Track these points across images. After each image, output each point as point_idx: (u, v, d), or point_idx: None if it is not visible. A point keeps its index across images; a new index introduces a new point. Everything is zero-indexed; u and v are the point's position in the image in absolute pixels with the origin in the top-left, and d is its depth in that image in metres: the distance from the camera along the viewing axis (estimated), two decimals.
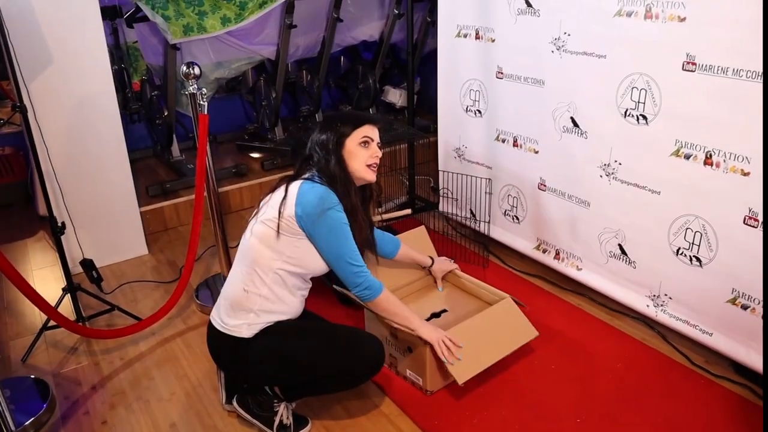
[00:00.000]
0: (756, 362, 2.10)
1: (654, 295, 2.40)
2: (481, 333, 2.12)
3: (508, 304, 2.24)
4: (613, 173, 2.41)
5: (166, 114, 3.83)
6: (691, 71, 2.05)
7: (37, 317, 2.65)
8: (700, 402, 2.07)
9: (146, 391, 2.23)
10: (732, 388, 2.13)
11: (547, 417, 2.01)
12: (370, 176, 1.96)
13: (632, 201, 2.36)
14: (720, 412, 2.03)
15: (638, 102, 2.24)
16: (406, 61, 3.39)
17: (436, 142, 3.33)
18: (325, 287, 2.58)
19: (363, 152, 1.93)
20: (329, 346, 1.91)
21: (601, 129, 2.41)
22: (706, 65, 2.01)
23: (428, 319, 2.28)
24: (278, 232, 1.82)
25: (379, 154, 1.97)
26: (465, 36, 2.92)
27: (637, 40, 2.19)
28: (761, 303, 2.05)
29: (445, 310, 2.36)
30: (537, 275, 2.84)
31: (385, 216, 2.72)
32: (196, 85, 2.40)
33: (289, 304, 1.93)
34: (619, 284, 2.53)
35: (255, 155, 4.22)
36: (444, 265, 2.47)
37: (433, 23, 4.05)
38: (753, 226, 2.01)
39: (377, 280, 1.95)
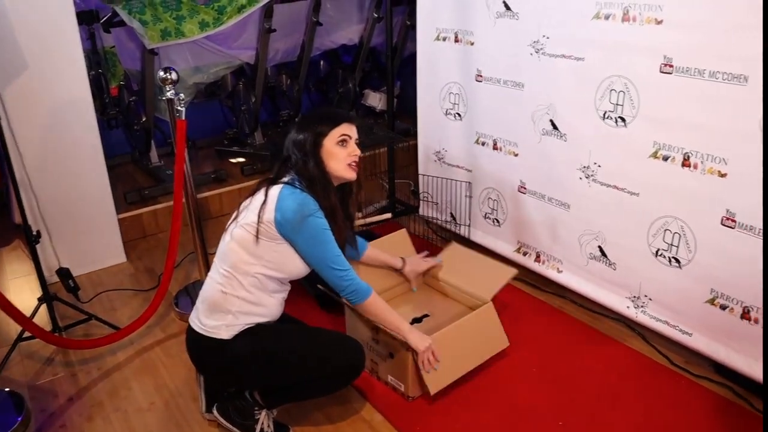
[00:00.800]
0: (735, 361, 2.12)
1: (634, 297, 2.41)
2: (458, 341, 2.12)
3: (488, 310, 2.23)
4: (592, 175, 2.42)
5: (144, 119, 3.78)
6: (669, 73, 2.06)
7: (12, 328, 2.59)
8: (681, 402, 2.08)
9: (124, 401, 2.19)
10: (712, 388, 2.15)
11: (529, 420, 2.01)
12: (351, 175, 1.94)
13: (612, 203, 2.37)
14: (701, 411, 2.04)
15: (617, 104, 2.25)
16: (386, 64, 3.39)
17: (415, 146, 3.32)
18: (305, 292, 2.56)
19: (341, 151, 1.91)
20: (309, 349, 1.90)
21: (580, 131, 2.42)
22: (682, 67, 2.02)
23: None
24: (257, 236, 1.81)
25: (358, 152, 1.95)
26: (444, 39, 2.92)
27: (615, 43, 2.20)
28: (740, 303, 2.07)
29: (426, 315, 2.35)
30: (518, 278, 2.82)
31: (366, 220, 2.71)
32: (173, 91, 2.38)
33: (268, 306, 1.91)
34: (599, 286, 2.54)
35: (234, 160, 4.18)
36: (417, 265, 2.43)
37: (413, 27, 4.03)
38: (730, 227, 2.02)
39: (365, 283, 1.94)
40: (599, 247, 2.48)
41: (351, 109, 4.51)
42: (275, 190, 1.84)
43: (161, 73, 2.35)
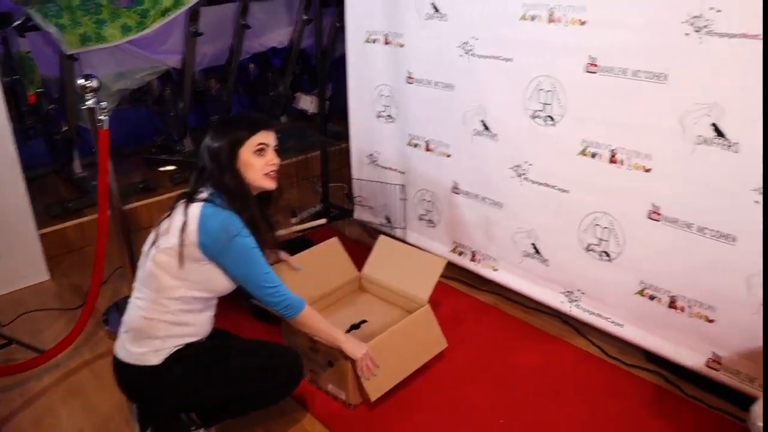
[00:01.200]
0: (665, 350, 2.19)
1: (567, 291, 2.46)
2: (396, 346, 2.11)
3: (425, 313, 2.23)
4: (524, 174, 2.45)
5: (65, 129, 3.62)
6: (593, 73, 2.11)
7: None
8: (617, 391, 2.14)
9: (51, 430, 2.07)
10: (644, 376, 2.21)
11: (471, 420, 2.02)
12: (269, 184, 1.88)
13: (543, 201, 2.41)
14: (636, 399, 2.10)
15: (545, 104, 2.29)
16: (317, 67, 3.35)
17: (348, 149, 3.30)
18: (239, 303, 2.50)
19: (258, 161, 1.84)
20: (245, 363, 1.84)
21: (510, 131, 2.45)
22: (606, 67, 2.07)
23: (348, 331, 2.24)
24: (181, 260, 1.73)
25: (277, 160, 1.88)
26: (374, 41, 2.91)
27: (541, 44, 2.23)
28: (667, 293, 2.14)
29: (364, 321, 2.33)
30: (454, 277, 2.84)
31: (300, 227, 2.67)
32: (95, 99, 2.27)
33: (196, 326, 1.83)
34: (534, 282, 2.58)
35: (164, 168, 4.05)
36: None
37: (343, 28, 4.02)
38: (656, 220, 2.09)
39: (297, 296, 1.89)
40: (533, 244, 2.52)
41: (282, 113, 4.45)
42: (195, 209, 1.76)
43: (81, 81, 2.24)
